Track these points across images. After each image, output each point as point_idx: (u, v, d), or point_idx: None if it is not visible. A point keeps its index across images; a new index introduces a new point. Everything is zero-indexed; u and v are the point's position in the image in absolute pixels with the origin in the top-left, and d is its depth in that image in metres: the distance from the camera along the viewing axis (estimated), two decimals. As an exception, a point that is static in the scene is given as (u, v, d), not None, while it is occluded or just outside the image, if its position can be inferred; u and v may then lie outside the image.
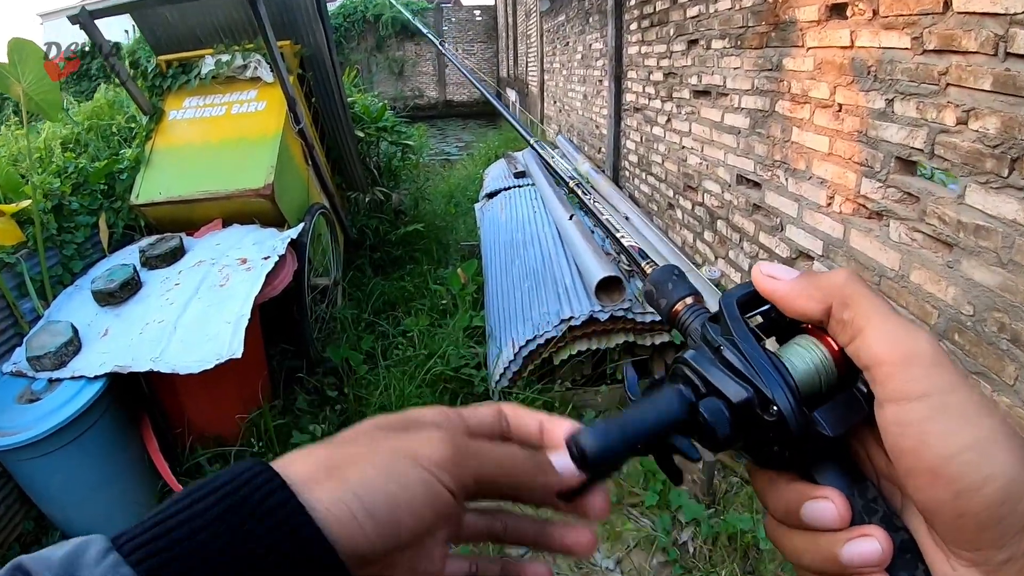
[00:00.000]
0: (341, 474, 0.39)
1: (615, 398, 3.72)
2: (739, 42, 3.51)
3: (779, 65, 3.13)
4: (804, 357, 0.42)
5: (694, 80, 4.19)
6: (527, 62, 14.98)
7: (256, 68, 4.69)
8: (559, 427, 0.49)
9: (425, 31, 6.49)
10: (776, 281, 0.44)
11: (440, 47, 5.98)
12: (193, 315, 3.27)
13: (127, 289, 3.49)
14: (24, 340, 3.25)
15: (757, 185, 3.48)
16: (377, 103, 7.35)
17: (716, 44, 3.82)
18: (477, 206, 7.29)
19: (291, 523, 0.35)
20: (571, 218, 4.74)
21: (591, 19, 7.52)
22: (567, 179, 2.16)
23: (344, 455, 0.41)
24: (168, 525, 0.33)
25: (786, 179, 3.16)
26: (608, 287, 3.66)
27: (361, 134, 6.45)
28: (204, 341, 3.09)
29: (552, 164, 2.58)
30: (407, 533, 0.39)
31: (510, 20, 19.45)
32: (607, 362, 3.75)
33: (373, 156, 6.87)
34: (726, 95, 3.73)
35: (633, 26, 5.58)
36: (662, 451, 0.45)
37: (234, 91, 4.72)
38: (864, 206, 2.58)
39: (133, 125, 5.43)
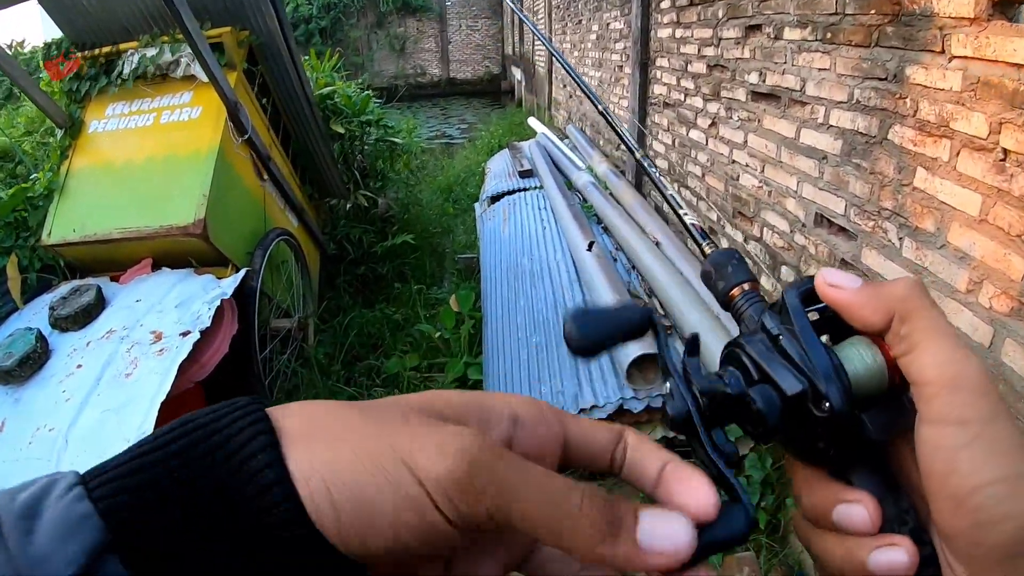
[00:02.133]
0: (318, 445, 0.34)
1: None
2: (830, 34, 2.61)
3: (899, 75, 2.22)
4: (859, 359, 0.42)
5: (753, 78, 3.30)
6: (534, 40, 14.32)
7: (189, 64, 3.87)
8: (691, 487, 0.36)
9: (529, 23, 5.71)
10: (839, 291, 0.42)
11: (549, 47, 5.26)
12: (88, 423, 2.69)
13: (28, 366, 2.95)
14: None
15: (848, 234, 2.60)
16: (360, 92, 6.48)
17: (791, 34, 2.92)
18: (478, 208, 6.55)
19: (268, 487, 0.32)
20: (590, 247, 3.89)
21: (609, -7, 6.73)
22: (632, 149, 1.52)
23: (343, 426, 0.35)
24: (140, 463, 0.32)
25: (899, 238, 2.28)
26: (642, 361, 2.78)
27: (341, 130, 5.69)
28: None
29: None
30: (378, 547, 0.33)
31: (515, -6, 18.82)
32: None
33: (356, 155, 6.10)
34: (804, 104, 2.84)
35: (665, 4, 4.71)
36: (708, 421, 0.42)
37: (165, 93, 3.95)
38: (1033, 309, 1.71)
39: (52, 141, 4.70)
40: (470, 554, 0.39)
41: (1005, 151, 1.76)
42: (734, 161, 3.62)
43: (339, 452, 0.33)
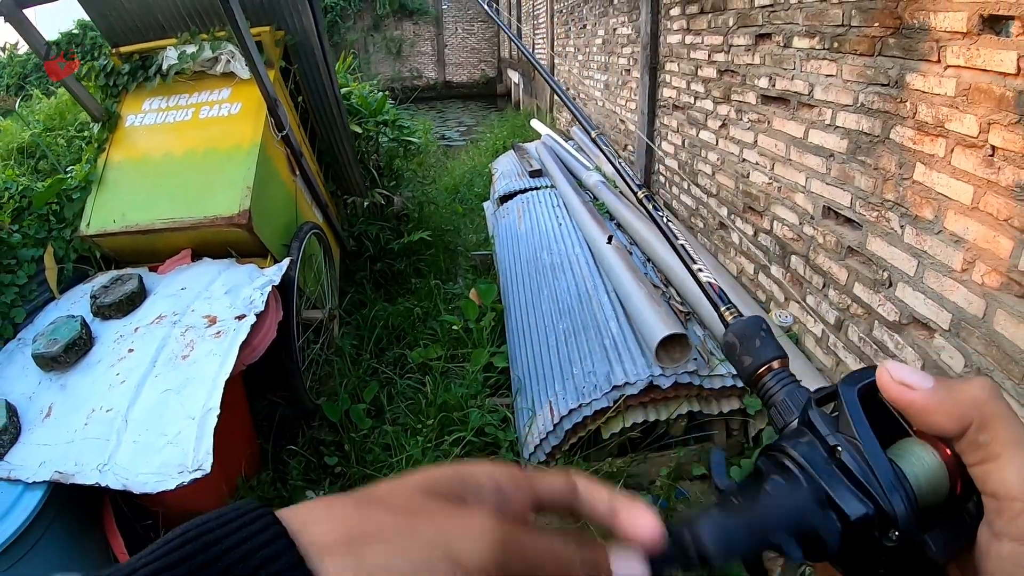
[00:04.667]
0: (362, 551, 0.33)
1: (676, 470, 3.08)
2: (837, 44, 2.82)
3: (899, 81, 2.44)
4: (921, 467, 0.39)
5: (763, 83, 3.49)
6: (533, 44, 14.32)
7: (229, 62, 3.97)
8: (635, 517, 0.41)
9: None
10: (910, 392, 0.39)
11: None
12: (148, 404, 2.66)
13: (73, 352, 2.91)
14: None
15: (854, 224, 2.81)
16: (377, 93, 6.63)
17: (800, 42, 3.12)
18: (489, 211, 6.69)
19: None
20: (609, 241, 4.08)
21: (616, 0, 6.80)
22: (634, 187, 1.54)
23: (373, 525, 0.35)
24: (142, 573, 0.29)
25: (901, 226, 2.49)
26: (668, 341, 3.00)
27: (358, 130, 5.76)
28: (162, 445, 2.46)
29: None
30: None
31: (513, 0, 18.84)
32: (660, 427, 3.09)
33: (372, 154, 6.17)
34: (813, 107, 3.04)
35: (675, 11, 4.85)
36: (754, 547, 0.39)
37: (203, 90, 4.02)
38: (1019, 283, 1.95)
39: (85, 134, 4.74)
40: None
41: (993, 148, 2.01)
42: (744, 160, 3.78)
43: (387, 553, 0.33)
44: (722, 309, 0.71)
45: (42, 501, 2.42)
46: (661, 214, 1.44)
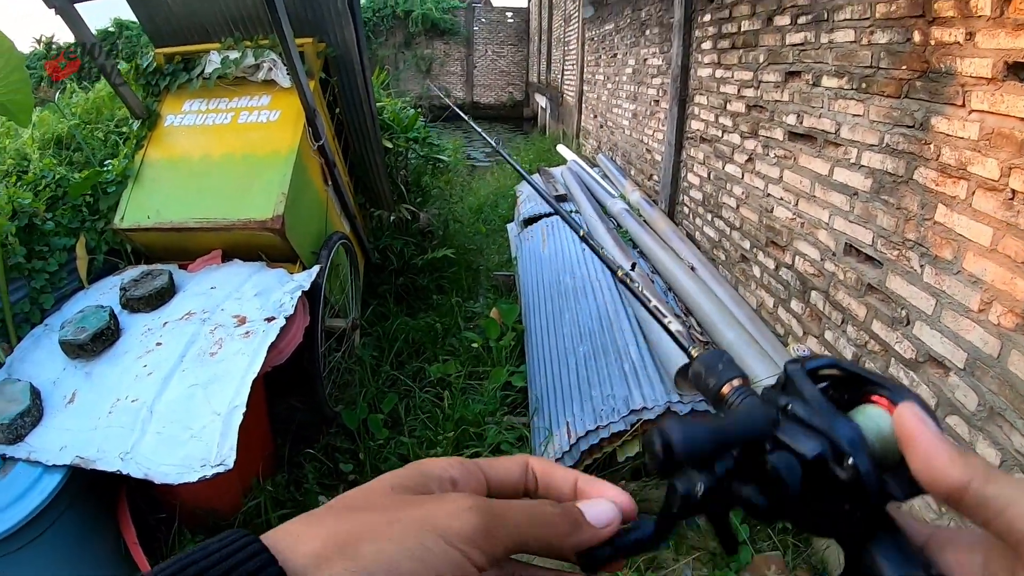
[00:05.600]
0: (355, 551, 0.35)
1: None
2: (864, 85, 2.87)
3: (924, 124, 2.49)
4: (874, 425, 0.41)
5: (791, 120, 3.55)
6: (563, 69, 14.45)
7: (271, 70, 4.05)
8: (599, 488, 0.47)
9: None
10: (925, 427, 0.39)
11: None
12: (174, 397, 2.71)
13: (100, 341, 2.98)
14: None
15: (875, 262, 2.84)
16: (408, 110, 6.74)
17: (828, 82, 3.18)
18: (512, 232, 6.76)
19: None
20: (633, 268, 4.13)
21: (648, 31, 6.90)
22: (613, 269, 1.62)
23: (359, 526, 0.37)
24: None
25: (921, 265, 2.53)
26: (686, 369, 3.04)
27: (389, 145, 5.85)
28: (186, 438, 2.52)
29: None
30: None
31: (544, 24, 19.11)
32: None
33: (401, 169, 6.29)
34: (839, 145, 3.10)
35: (706, 45, 4.94)
36: (721, 504, 0.42)
37: (243, 95, 4.10)
38: (1037, 324, 1.96)
39: (125, 130, 4.84)
40: None
41: (1014, 191, 2.06)
42: (769, 194, 3.83)
43: (380, 545, 0.36)
44: (690, 349, 0.73)
45: (60, 485, 2.47)
46: (637, 285, 1.54)
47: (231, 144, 3.86)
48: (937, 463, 0.39)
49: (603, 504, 0.45)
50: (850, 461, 0.38)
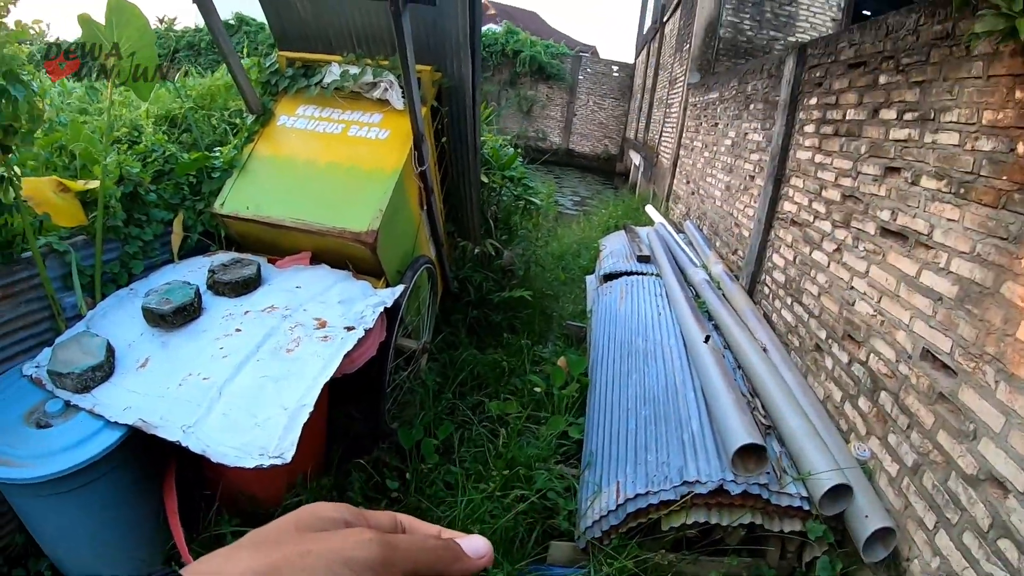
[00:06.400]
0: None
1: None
2: (963, 190, 2.85)
3: (1019, 237, 2.46)
4: None
5: (885, 215, 3.53)
6: (661, 131, 14.49)
7: (386, 90, 4.19)
8: (470, 541, 0.54)
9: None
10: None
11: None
12: (245, 384, 2.80)
13: (182, 315, 3.11)
14: (53, 345, 2.90)
15: (950, 371, 2.80)
16: (508, 148, 6.89)
17: (927, 183, 3.16)
18: (591, 285, 6.80)
19: None
20: (707, 340, 4.14)
21: (752, 106, 6.91)
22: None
23: (276, 559, 0.42)
24: None
25: (996, 381, 2.48)
26: (745, 450, 3.04)
27: (485, 179, 5.98)
28: (250, 426, 2.61)
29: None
30: None
31: (648, 83, 19.26)
32: (718, 531, 3.11)
33: (492, 205, 6.41)
34: (929, 248, 3.07)
35: (809, 128, 4.94)
36: None
37: (356, 109, 4.24)
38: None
39: (238, 121, 5.06)
40: None
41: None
42: (852, 287, 3.79)
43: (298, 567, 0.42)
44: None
45: (118, 441, 2.59)
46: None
47: (338, 154, 3.98)
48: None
49: (477, 539, 0.53)
50: None
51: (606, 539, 3.07)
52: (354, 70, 4.25)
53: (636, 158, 18.57)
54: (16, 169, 2.86)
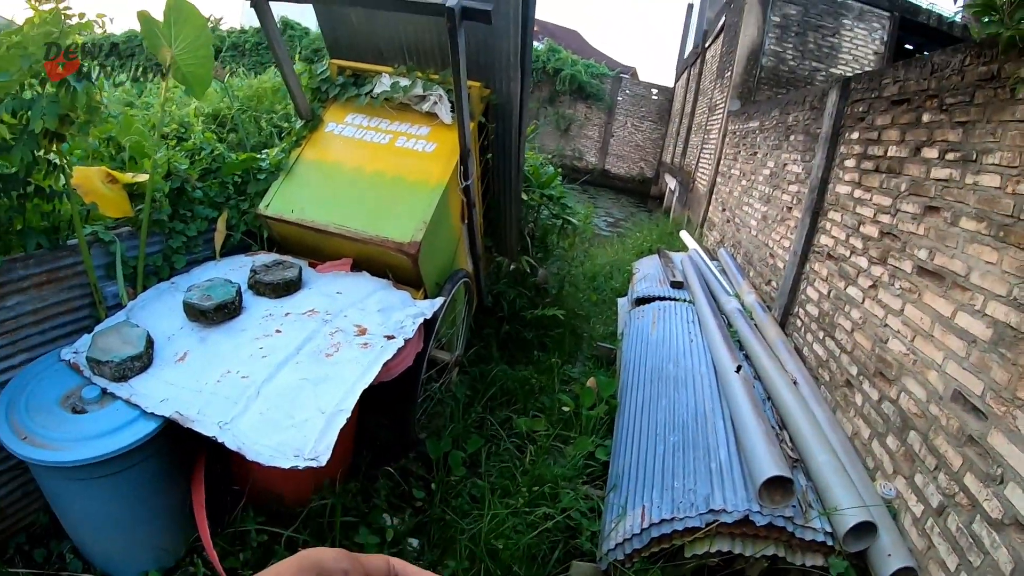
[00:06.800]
0: None
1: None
2: (1002, 233, 2.86)
3: (1058, 284, 2.48)
4: None
5: (923, 254, 3.54)
6: (699, 156, 14.48)
7: (435, 103, 4.24)
8: None
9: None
10: None
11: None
12: (284, 384, 2.83)
13: (222, 312, 3.17)
14: (93, 332, 2.97)
15: (980, 414, 2.79)
16: (548, 167, 6.95)
17: (966, 224, 3.17)
18: (623, 307, 6.82)
19: None
20: (738, 370, 4.16)
21: (792, 137, 6.92)
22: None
23: None
24: None
25: None
26: (772, 482, 3.06)
27: (524, 197, 5.99)
28: (287, 425, 2.64)
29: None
30: None
31: (687, 108, 19.27)
32: (739, 561, 3.12)
33: (530, 222, 6.45)
34: (966, 289, 3.07)
35: (849, 163, 4.94)
36: None
37: (404, 121, 4.29)
38: None
39: (286, 125, 5.16)
40: None
41: None
42: (886, 325, 3.78)
43: None
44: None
45: (152, 432, 2.62)
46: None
47: (384, 163, 4.03)
48: None
49: None
50: None
51: (628, 562, 3.09)
52: (404, 82, 4.31)
53: (672, 182, 18.55)
54: (67, 157, 2.94)
